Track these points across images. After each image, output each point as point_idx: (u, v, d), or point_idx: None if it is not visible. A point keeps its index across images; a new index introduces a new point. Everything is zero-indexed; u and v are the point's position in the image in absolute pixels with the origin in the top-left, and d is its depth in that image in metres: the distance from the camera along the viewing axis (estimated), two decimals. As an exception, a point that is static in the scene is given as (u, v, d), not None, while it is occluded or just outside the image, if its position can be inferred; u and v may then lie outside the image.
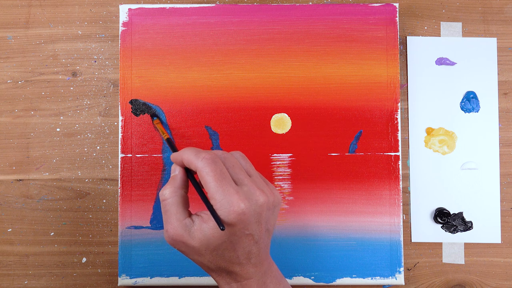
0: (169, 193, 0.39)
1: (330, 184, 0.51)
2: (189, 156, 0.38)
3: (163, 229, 0.50)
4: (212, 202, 0.36)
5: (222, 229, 0.35)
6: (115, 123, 0.53)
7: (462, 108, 0.53)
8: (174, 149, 0.44)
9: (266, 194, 0.38)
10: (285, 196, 0.51)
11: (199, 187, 0.39)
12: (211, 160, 0.37)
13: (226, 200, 0.36)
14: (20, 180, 0.52)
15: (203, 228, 0.37)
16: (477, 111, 0.53)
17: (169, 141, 0.45)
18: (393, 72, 0.52)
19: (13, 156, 0.52)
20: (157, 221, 0.51)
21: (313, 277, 0.51)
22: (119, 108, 0.52)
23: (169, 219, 0.38)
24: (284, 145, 0.52)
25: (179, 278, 0.50)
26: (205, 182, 0.37)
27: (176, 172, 0.40)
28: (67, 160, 0.52)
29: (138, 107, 0.52)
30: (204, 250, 0.37)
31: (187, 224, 0.37)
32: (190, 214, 0.39)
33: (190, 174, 0.40)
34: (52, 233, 0.52)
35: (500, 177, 0.52)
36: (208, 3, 0.53)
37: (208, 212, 0.37)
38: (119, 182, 0.51)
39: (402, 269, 0.51)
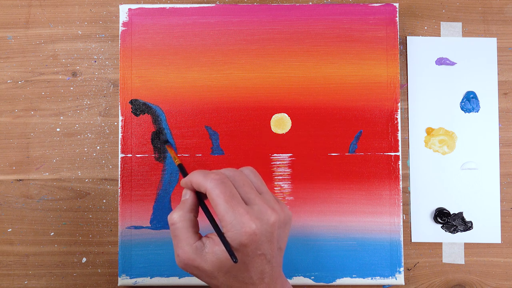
0: (178, 217, 0.38)
1: (330, 184, 0.51)
2: (197, 178, 0.37)
3: (163, 229, 0.51)
4: (222, 223, 0.36)
5: (235, 262, 0.35)
6: (115, 123, 0.53)
7: (462, 108, 0.53)
8: (185, 175, 0.43)
9: (277, 212, 0.37)
10: (285, 196, 0.51)
11: (210, 215, 0.38)
12: (220, 180, 0.36)
13: (237, 221, 0.35)
14: (20, 180, 0.52)
15: (215, 251, 0.36)
16: (477, 111, 0.53)
17: (181, 167, 0.45)
18: (393, 72, 0.52)
19: (13, 156, 0.52)
20: (157, 221, 0.51)
21: (313, 277, 0.51)
22: (119, 108, 0.52)
23: (179, 243, 0.37)
24: (284, 145, 0.52)
25: (179, 278, 0.50)
26: (215, 203, 0.36)
27: (187, 196, 0.39)
28: (67, 160, 0.52)
29: (138, 107, 0.52)
30: (217, 272, 0.37)
31: (198, 248, 0.37)
32: (200, 237, 0.38)
33: (201, 201, 0.39)
34: (52, 233, 0.52)
35: (500, 177, 0.52)
36: (208, 3, 0.53)
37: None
38: (119, 182, 0.51)
39: (402, 269, 0.51)
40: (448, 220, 0.51)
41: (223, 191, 0.36)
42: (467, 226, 0.51)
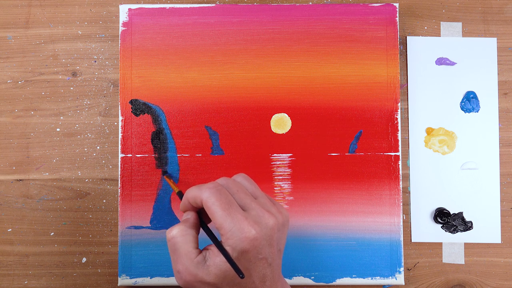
0: (178, 232, 0.37)
1: (330, 184, 0.51)
2: (192, 192, 0.37)
3: (163, 229, 0.50)
4: (221, 232, 0.35)
5: (242, 277, 0.34)
6: (115, 123, 0.53)
7: (462, 108, 0.53)
8: None
9: (274, 215, 0.37)
10: (285, 196, 0.51)
11: (214, 237, 0.38)
12: (215, 189, 0.36)
13: (237, 227, 0.35)
14: (20, 180, 0.52)
15: (217, 262, 0.36)
16: (477, 111, 0.53)
17: (180, 194, 0.45)
18: (393, 72, 0.52)
19: (13, 156, 0.52)
20: (157, 221, 0.51)
21: (313, 277, 0.51)
22: (119, 108, 0.52)
23: (180, 259, 0.36)
24: (284, 145, 0.52)
25: (179, 278, 0.50)
26: (211, 212, 0.36)
27: (189, 216, 0.39)
28: (67, 160, 0.52)
29: (138, 107, 0.52)
30: (221, 283, 0.36)
31: (200, 262, 0.36)
32: (200, 252, 0.37)
33: (203, 223, 0.39)
34: (52, 233, 0.52)
35: (500, 177, 0.52)
36: (208, 3, 0.53)
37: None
38: (119, 182, 0.51)
39: (402, 269, 0.50)
40: (448, 220, 0.51)
41: (219, 199, 0.36)
42: (467, 226, 0.51)
